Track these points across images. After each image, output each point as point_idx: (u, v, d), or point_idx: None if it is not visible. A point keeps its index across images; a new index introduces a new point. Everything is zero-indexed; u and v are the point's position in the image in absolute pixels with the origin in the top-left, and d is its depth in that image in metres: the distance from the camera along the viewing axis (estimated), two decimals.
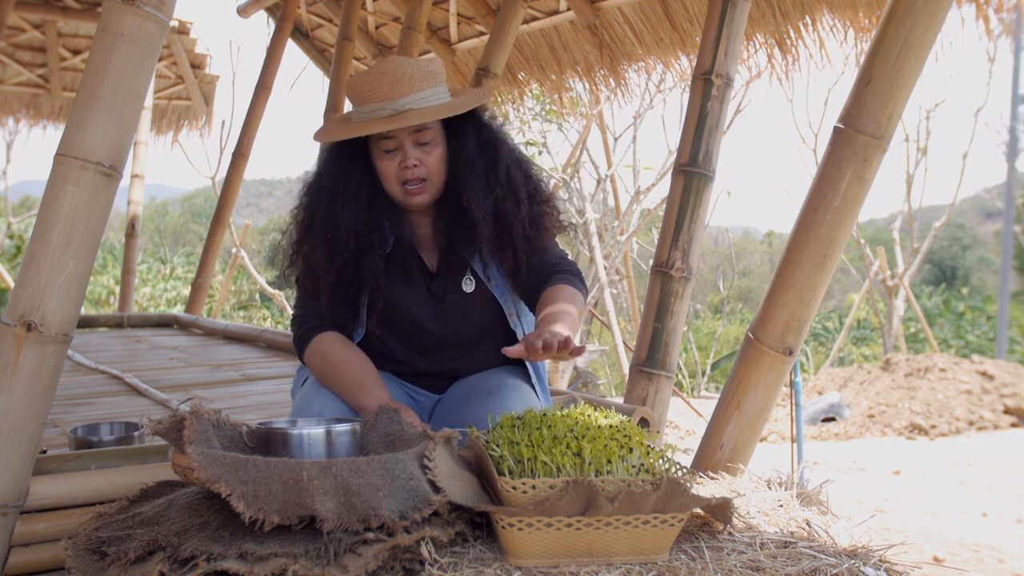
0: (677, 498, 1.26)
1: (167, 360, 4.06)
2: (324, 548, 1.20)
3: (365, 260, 1.79)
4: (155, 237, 24.65)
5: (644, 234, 11.80)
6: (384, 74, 1.73)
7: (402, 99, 1.72)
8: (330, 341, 1.81)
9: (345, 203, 1.77)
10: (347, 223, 1.77)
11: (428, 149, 1.77)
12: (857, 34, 3.59)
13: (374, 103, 1.73)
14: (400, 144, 1.76)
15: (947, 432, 7.21)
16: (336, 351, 1.79)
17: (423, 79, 1.75)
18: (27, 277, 1.56)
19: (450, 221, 1.83)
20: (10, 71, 7.04)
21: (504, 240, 1.81)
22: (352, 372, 1.75)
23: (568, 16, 4.56)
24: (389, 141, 1.76)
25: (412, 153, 1.75)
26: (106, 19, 1.59)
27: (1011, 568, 4.16)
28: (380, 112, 1.73)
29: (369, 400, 1.69)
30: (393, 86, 1.72)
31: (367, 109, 1.75)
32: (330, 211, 1.79)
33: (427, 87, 1.75)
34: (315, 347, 1.82)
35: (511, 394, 1.79)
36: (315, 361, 1.82)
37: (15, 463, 1.58)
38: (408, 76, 1.73)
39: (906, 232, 12.28)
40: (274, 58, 5.78)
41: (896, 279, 11.63)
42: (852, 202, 2.09)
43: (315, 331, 1.84)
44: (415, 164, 1.75)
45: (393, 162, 1.76)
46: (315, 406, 1.76)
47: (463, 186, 1.78)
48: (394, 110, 1.72)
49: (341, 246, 1.77)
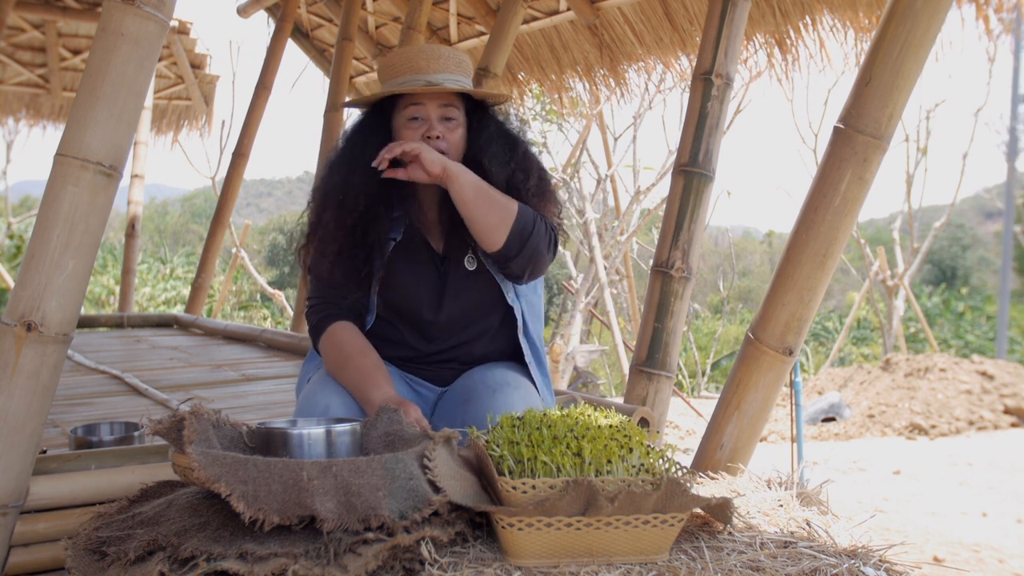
0: (677, 498, 1.26)
1: (167, 360, 4.06)
2: (324, 548, 1.20)
3: (373, 228, 1.83)
4: (155, 237, 24.66)
5: (644, 234, 11.80)
6: (422, 51, 1.83)
7: (436, 74, 1.82)
8: (346, 331, 1.84)
9: (361, 170, 1.82)
10: (357, 186, 1.82)
11: (451, 126, 1.85)
12: (857, 34, 3.59)
13: (409, 75, 1.82)
14: (426, 115, 1.83)
15: (947, 432, 7.21)
16: (351, 341, 1.82)
17: (456, 65, 1.86)
18: (27, 277, 1.56)
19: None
20: (10, 71, 7.04)
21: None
22: (364, 365, 1.78)
23: (568, 16, 4.56)
24: (416, 108, 1.83)
25: (437, 125, 1.83)
26: (106, 19, 1.59)
27: (1011, 568, 4.16)
28: (414, 82, 1.81)
29: (376, 395, 1.71)
30: (429, 61, 1.82)
31: (400, 80, 1.83)
32: (346, 178, 1.85)
33: (459, 73, 1.85)
34: (331, 335, 1.85)
35: (513, 392, 1.80)
36: (329, 350, 1.84)
37: (15, 463, 1.58)
38: (444, 57, 1.84)
39: (906, 232, 12.28)
40: (274, 58, 5.78)
41: (896, 279, 11.64)
42: (852, 202, 2.09)
43: (332, 319, 1.86)
44: (438, 136, 1.82)
45: (417, 131, 1.82)
46: (320, 402, 1.77)
47: (483, 153, 1.85)
48: (427, 81, 1.81)
49: (351, 207, 1.82)
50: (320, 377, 1.85)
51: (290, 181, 53.81)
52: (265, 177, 57.18)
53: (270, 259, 25.02)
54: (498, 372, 1.87)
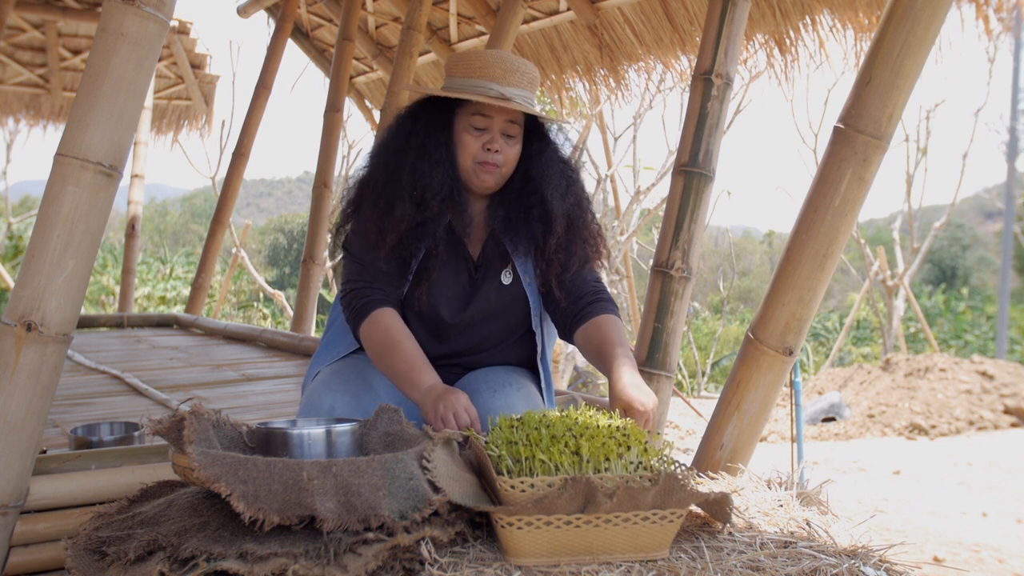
0: (675, 493, 1.26)
1: (167, 360, 4.06)
2: (324, 548, 1.20)
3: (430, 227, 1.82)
4: (155, 237, 24.67)
5: (644, 234, 11.80)
6: (502, 59, 1.81)
7: (510, 88, 1.80)
8: (392, 317, 1.81)
9: (434, 166, 1.81)
10: (434, 186, 1.80)
11: (511, 142, 1.84)
12: (857, 34, 3.59)
13: (484, 80, 1.80)
14: (490, 126, 1.82)
15: (947, 432, 7.21)
16: (398, 327, 1.79)
17: (529, 81, 1.84)
18: (27, 277, 1.56)
19: (506, 213, 1.88)
20: (10, 71, 7.04)
21: (568, 244, 1.88)
22: (412, 351, 1.75)
23: (568, 16, 4.56)
24: (482, 119, 1.81)
25: (498, 139, 1.82)
26: (106, 19, 1.59)
27: (1011, 568, 4.16)
28: (487, 90, 1.79)
29: (425, 380, 1.69)
30: (507, 73, 1.80)
31: (474, 83, 1.80)
32: (418, 170, 1.82)
33: (529, 89, 1.84)
34: (376, 319, 1.80)
35: (515, 392, 1.81)
36: (374, 333, 1.79)
37: (15, 463, 1.58)
38: (520, 72, 1.82)
39: (906, 232, 12.28)
40: (274, 58, 5.78)
41: (896, 279, 11.64)
42: (852, 202, 2.08)
43: (378, 304, 1.82)
44: (498, 150, 1.82)
45: (479, 140, 1.82)
46: (325, 400, 1.76)
47: (544, 184, 1.85)
48: (500, 93, 1.79)
49: (425, 206, 1.80)
50: (324, 377, 1.85)
51: (290, 181, 53.81)
52: (265, 177, 57.22)
53: (270, 259, 25.04)
54: (500, 372, 1.88)
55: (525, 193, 1.86)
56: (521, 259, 1.91)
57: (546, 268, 1.89)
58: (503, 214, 1.88)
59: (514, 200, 1.87)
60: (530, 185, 1.86)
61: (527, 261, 1.91)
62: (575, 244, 1.89)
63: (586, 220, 1.92)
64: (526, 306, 1.92)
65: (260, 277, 12.00)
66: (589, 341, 1.83)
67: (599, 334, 1.82)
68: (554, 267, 1.88)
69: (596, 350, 1.81)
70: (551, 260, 1.88)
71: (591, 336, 1.83)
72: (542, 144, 1.90)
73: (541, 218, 1.85)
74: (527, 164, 1.88)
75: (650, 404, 1.63)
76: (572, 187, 1.91)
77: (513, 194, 1.88)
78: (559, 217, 1.85)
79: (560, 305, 1.91)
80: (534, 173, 1.86)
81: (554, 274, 1.89)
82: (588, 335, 1.84)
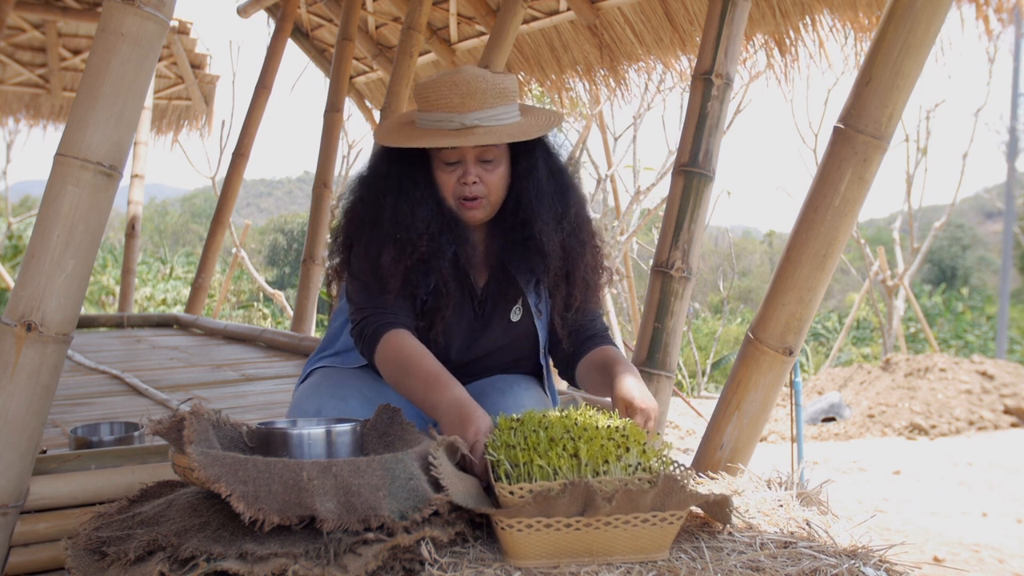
0: (675, 494, 1.26)
1: (167, 360, 4.06)
2: (324, 548, 1.20)
3: (433, 263, 1.72)
4: (155, 237, 24.68)
5: (644, 234, 11.80)
6: (456, 85, 1.65)
7: (471, 114, 1.65)
8: (404, 335, 1.69)
9: (415, 205, 1.71)
10: (419, 226, 1.69)
11: (490, 167, 1.72)
12: (857, 34, 3.59)
13: (441, 113, 1.66)
14: (462, 158, 1.70)
15: (947, 432, 7.21)
16: (410, 343, 1.67)
17: (496, 96, 1.67)
18: (27, 277, 1.56)
19: (504, 242, 1.78)
20: (10, 71, 7.04)
21: (568, 277, 1.78)
22: (431, 367, 1.62)
23: (568, 16, 4.56)
24: (451, 153, 1.69)
25: (473, 170, 1.70)
26: (106, 19, 1.59)
27: (1011, 568, 4.17)
28: (447, 124, 1.66)
29: (442, 398, 1.56)
30: (464, 99, 1.65)
31: (432, 118, 1.68)
32: (398, 211, 1.71)
33: (498, 104, 1.68)
34: (390, 340, 1.67)
35: (523, 392, 1.79)
36: (388, 355, 1.67)
37: (15, 463, 1.58)
38: (480, 92, 1.65)
39: (906, 232, 12.28)
40: (274, 58, 5.78)
41: (896, 279, 11.64)
42: (852, 202, 2.08)
43: (390, 326, 1.70)
44: (474, 182, 1.70)
45: (453, 175, 1.71)
46: (311, 404, 1.74)
47: (533, 216, 1.73)
48: (461, 124, 1.65)
49: (411, 247, 1.69)
50: (314, 380, 1.82)
51: (290, 181, 53.81)
52: (265, 177, 57.21)
53: (270, 259, 25.05)
54: (506, 375, 1.87)
55: (518, 224, 1.75)
56: (531, 292, 1.82)
57: (551, 302, 1.82)
58: (497, 245, 1.78)
59: (509, 230, 1.76)
60: (521, 215, 1.74)
61: (542, 295, 1.84)
62: (575, 276, 1.78)
63: (584, 251, 1.79)
64: (535, 342, 1.85)
65: (260, 277, 12.00)
66: (590, 366, 1.78)
67: (600, 357, 1.77)
68: (557, 302, 1.81)
69: (598, 369, 1.75)
70: (553, 295, 1.81)
71: (592, 360, 1.78)
72: (528, 164, 1.75)
73: (537, 251, 1.74)
74: (518, 187, 1.75)
75: (651, 404, 1.61)
76: (567, 212, 1.77)
77: (507, 222, 1.76)
78: (554, 250, 1.74)
79: (562, 345, 1.85)
80: (523, 201, 1.74)
81: (557, 311, 1.81)
82: (589, 361, 1.79)
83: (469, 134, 1.65)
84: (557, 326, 1.83)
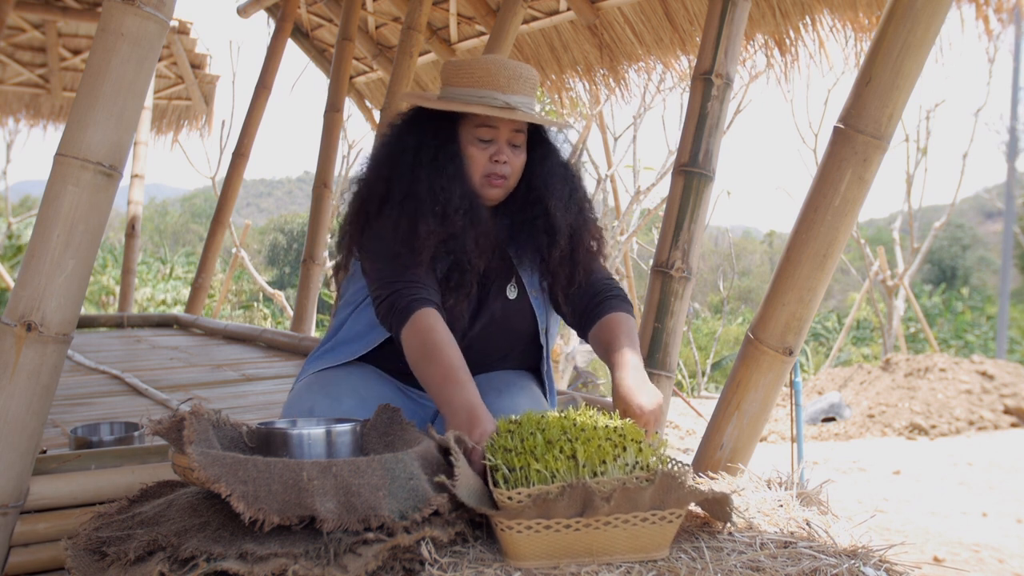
0: (673, 492, 1.26)
1: (167, 360, 4.06)
2: (324, 548, 1.20)
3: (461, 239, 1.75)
4: (155, 237, 24.69)
5: (644, 234, 11.80)
6: (504, 67, 1.75)
7: (514, 96, 1.74)
8: (436, 318, 1.66)
9: (450, 180, 1.75)
10: (455, 201, 1.74)
11: (517, 152, 1.80)
12: (857, 34, 3.59)
13: (486, 89, 1.74)
14: (497, 137, 1.77)
15: (947, 432, 7.21)
16: (440, 328, 1.64)
17: (530, 88, 1.78)
18: (27, 277, 1.56)
19: (511, 223, 1.85)
20: (10, 71, 7.04)
21: (572, 255, 1.85)
22: (452, 357, 1.60)
23: (568, 16, 4.56)
24: (488, 130, 1.76)
25: (506, 149, 1.78)
26: (106, 19, 1.59)
27: (1011, 568, 4.17)
28: (490, 100, 1.73)
29: (455, 395, 1.53)
30: (510, 81, 1.74)
31: (476, 93, 1.74)
32: (435, 184, 1.74)
33: (531, 95, 1.79)
34: (420, 319, 1.65)
35: (520, 393, 1.79)
36: (416, 334, 1.64)
37: (15, 463, 1.58)
38: (523, 78, 1.76)
39: (906, 232, 12.29)
40: (274, 58, 5.78)
41: (896, 279, 11.64)
42: (852, 202, 2.08)
43: (423, 303, 1.67)
44: (505, 161, 1.78)
45: (485, 152, 1.77)
46: (304, 404, 1.74)
47: (548, 195, 1.81)
48: (505, 103, 1.73)
49: (448, 221, 1.73)
50: (308, 380, 1.83)
51: (290, 181, 53.85)
52: (265, 177, 57.28)
53: (270, 259, 25.05)
54: (504, 375, 1.87)
55: (529, 203, 1.83)
56: (527, 271, 1.88)
57: (552, 281, 1.87)
58: (508, 224, 1.86)
59: (518, 211, 1.84)
60: (533, 195, 1.82)
61: (533, 273, 1.89)
62: (579, 254, 1.86)
63: (589, 232, 1.88)
64: (533, 320, 1.89)
65: (260, 277, 12.00)
66: (599, 344, 1.82)
67: (605, 335, 1.80)
68: (560, 280, 1.86)
69: (604, 352, 1.79)
70: (556, 272, 1.85)
71: (600, 339, 1.81)
72: (544, 150, 1.86)
73: (546, 230, 1.82)
74: (530, 173, 1.84)
75: (650, 405, 1.60)
76: (575, 195, 1.88)
77: (517, 204, 1.84)
78: (563, 228, 1.82)
79: (575, 309, 1.89)
80: (537, 182, 1.83)
81: (560, 288, 1.86)
82: (598, 338, 1.83)
83: (512, 112, 1.73)
84: (561, 303, 1.88)
